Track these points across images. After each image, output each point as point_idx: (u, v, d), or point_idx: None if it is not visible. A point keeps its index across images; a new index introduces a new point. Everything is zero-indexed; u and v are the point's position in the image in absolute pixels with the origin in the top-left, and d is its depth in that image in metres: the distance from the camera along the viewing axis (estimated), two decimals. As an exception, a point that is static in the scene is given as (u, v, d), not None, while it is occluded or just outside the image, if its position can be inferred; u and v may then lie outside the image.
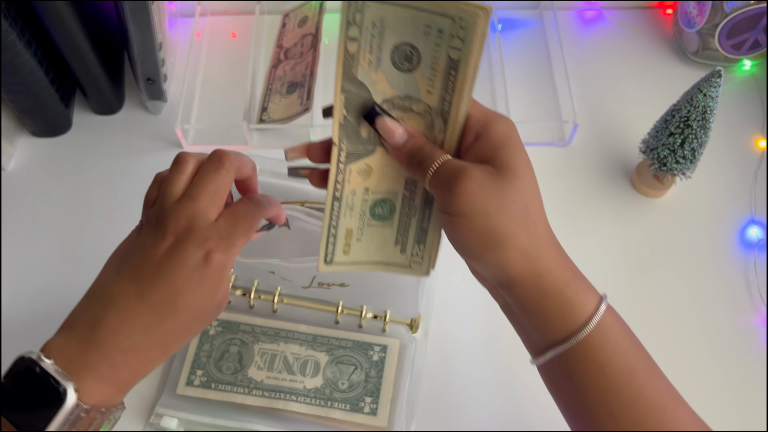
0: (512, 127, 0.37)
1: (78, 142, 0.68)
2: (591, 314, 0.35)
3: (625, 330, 0.36)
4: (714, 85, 0.53)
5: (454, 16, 0.31)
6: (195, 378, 0.53)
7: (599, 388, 0.35)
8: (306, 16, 0.73)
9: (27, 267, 0.60)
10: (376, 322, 0.56)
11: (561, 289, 0.35)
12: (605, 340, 0.35)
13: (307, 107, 0.64)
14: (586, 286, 0.36)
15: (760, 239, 0.61)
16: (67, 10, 0.58)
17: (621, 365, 0.35)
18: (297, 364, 0.53)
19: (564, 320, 0.35)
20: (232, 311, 0.56)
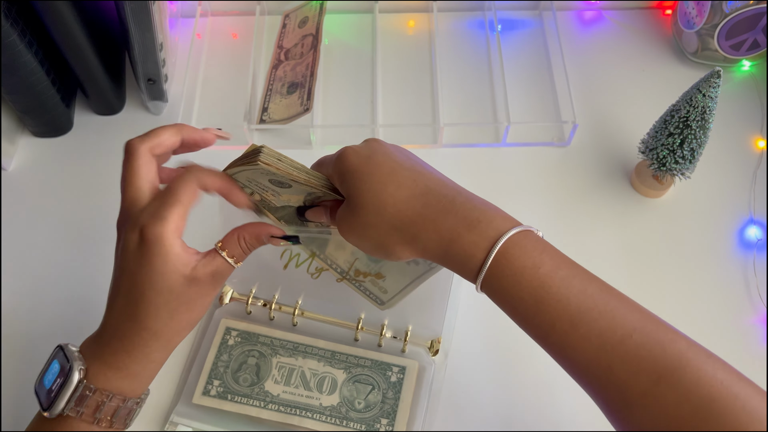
0: (344, 161, 0.40)
1: (79, 142, 0.69)
2: (492, 244, 0.36)
3: (540, 248, 0.36)
4: (713, 86, 0.53)
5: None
6: (212, 388, 0.52)
7: (532, 288, 0.35)
8: (306, 16, 0.73)
9: (27, 267, 0.60)
10: (396, 342, 0.55)
11: (453, 239, 0.37)
12: (515, 258, 0.35)
13: (308, 107, 0.64)
14: (481, 224, 0.37)
15: (759, 239, 0.61)
16: (68, 10, 0.58)
17: (539, 276, 0.35)
18: (314, 380, 0.53)
19: (472, 259, 0.37)
20: (252, 322, 0.55)
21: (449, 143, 0.68)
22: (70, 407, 0.39)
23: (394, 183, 0.38)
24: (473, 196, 0.38)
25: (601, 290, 0.35)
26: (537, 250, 0.36)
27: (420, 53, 0.75)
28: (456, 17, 0.77)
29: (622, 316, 0.33)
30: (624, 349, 0.32)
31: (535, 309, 0.35)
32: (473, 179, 0.65)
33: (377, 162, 0.39)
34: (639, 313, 0.34)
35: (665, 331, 0.33)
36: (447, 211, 0.37)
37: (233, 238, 0.42)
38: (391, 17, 0.77)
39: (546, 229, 0.62)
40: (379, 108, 0.70)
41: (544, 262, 0.35)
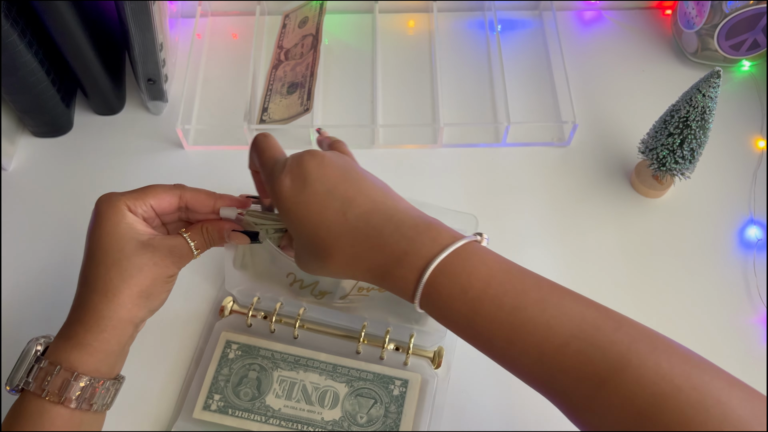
0: (277, 194, 0.40)
1: (79, 142, 0.69)
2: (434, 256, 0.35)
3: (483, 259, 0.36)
4: (713, 86, 0.53)
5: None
6: (212, 402, 0.52)
7: (462, 312, 0.35)
8: (306, 16, 0.73)
9: (27, 267, 0.60)
10: (398, 354, 0.54)
11: (384, 274, 0.37)
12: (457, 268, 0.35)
13: (308, 108, 0.64)
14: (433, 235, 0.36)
15: (759, 239, 0.61)
16: (68, 10, 0.58)
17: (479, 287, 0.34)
18: (316, 394, 0.52)
19: (405, 291, 0.37)
20: (252, 335, 0.55)
21: (449, 143, 0.68)
22: (31, 382, 0.40)
23: (324, 225, 0.38)
24: (403, 221, 0.37)
25: (537, 301, 0.34)
26: (465, 272, 0.35)
27: (420, 53, 0.75)
28: (456, 17, 0.77)
29: (559, 324, 0.33)
30: (562, 358, 0.32)
31: (470, 330, 0.35)
32: (473, 179, 0.66)
33: (306, 199, 0.38)
34: (579, 317, 0.33)
35: (605, 333, 0.32)
36: (375, 248, 0.37)
37: (197, 226, 0.45)
38: (391, 17, 0.77)
39: (546, 229, 0.63)
40: (379, 108, 0.70)
41: (472, 285, 0.34)
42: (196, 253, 0.44)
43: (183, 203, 0.45)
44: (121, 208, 0.42)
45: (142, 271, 0.41)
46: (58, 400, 0.40)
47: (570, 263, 0.60)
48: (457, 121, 0.69)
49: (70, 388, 0.40)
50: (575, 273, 0.59)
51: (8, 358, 0.56)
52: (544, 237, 0.62)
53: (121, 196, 0.43)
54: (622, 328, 0.32)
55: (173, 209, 0.45)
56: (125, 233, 0.41)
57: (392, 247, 0.36)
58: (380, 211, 0.38)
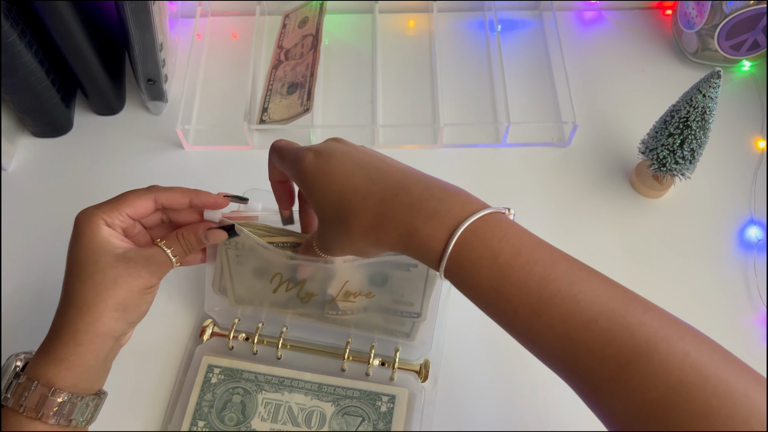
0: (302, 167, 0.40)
1: (79, 142, 0.69)
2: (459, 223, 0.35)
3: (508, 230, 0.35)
4: (713, 86, 0.53)
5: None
6: (196, 429, 0.51)
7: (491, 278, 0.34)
8: (306, 16, 0.73)
9: (27, 267, 0.60)
10: (384, 369, 0.53)
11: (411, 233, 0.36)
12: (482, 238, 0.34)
13: (308, 108, 0.64)
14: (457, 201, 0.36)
15: (759, 239, 0.61)
16: (68, 10, 0.58)
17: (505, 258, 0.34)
18: (302, 415, 0.51)
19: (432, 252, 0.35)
20: (234, 358, 0.54)
21: (449, 143, 0.68)
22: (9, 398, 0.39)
23: (350, 189, 0.37)
24: (433, 183, 0.37)
25: (567, 274, 0.33)
26: (496, 237, 0.34)
27: (420, 53, 0.75)
28: (456, 17, 0.77)
29: (588, 300, 0.32)
30: (589, 335, 0.31)
31: (496, 298, 0.34)
32: (473, 179, 0.66)
33: (333, 168, 0.38)
34: (607, 295, 0.32)
35: (634, 314, 0.31)
36: (404, 205, 0.36)
37: (173, 234, 0.45)
38: (391, 17, 0.77)
39: (546, 228, 0.62)
40: (379, 108, 0.70)
41: (502, 251, 0.34)
42: (174, 260, 0.44)
43: (159, 205, 0.45)
44: (96, 222, 0.42)
45: (116, 284, 0.41)
46: (36, 416, 0.39)
47: (570, 263, 0.60)
48: (457, 121, 0.69)
49: (48, 404, 0.39)
50: (575, 273, 0.59)
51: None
52: (544, 237, 0.61)
53: (96, 209, 0.43)
54: (650, 312, 0.32)
55: (150, 213, 0.45)
56: (100, 247, 0.42)
57: (421, 204, 0.35)
58: (409, 176, 0.37)
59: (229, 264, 0.50)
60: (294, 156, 0.41)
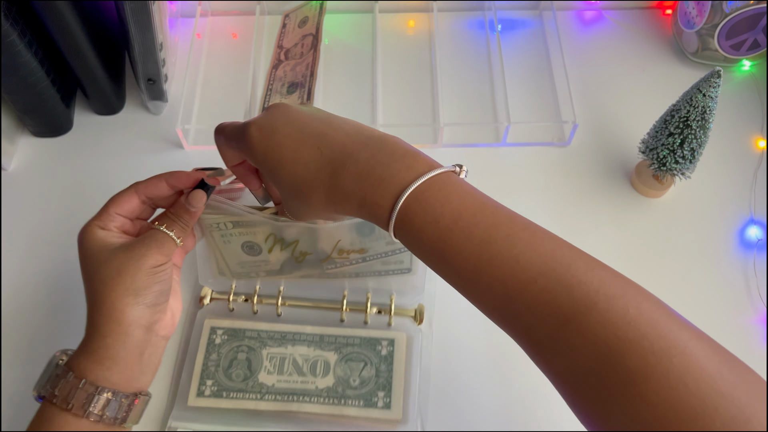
0: (249, 143, 0.40)
1: (79, 142, 0.69)
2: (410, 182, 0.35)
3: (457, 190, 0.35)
4: (713, 86, 0.53)
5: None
6: (205, 388, 0.52)
7: (433, 241, 0.35)
8: (306, 16, 0.73)
9: (27, 267, 0.60)
10: (382, 317, 0.56)
11: (361, 203, 0.37)
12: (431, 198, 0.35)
13: (308, 107, 0.64)
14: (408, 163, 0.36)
15: (759, 239, 0.61)
16: (68, 10, 0.58)
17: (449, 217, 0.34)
18: (307, 365, 0.53)
19: (380, 217, 0.36)
20: (236, 318, 0.56)
21: (449, 143, 0.68)
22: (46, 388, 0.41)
23: (300, 162, 0.38)
24: (379, 147, 0.37)
25: (508, 236, 0.33)
26: (438, 202, 0.34)
27: (420, 53, 0.75)
28: (456, 17, 0.77)
29: (528, 260, 0.32)
30: (528, 295, 0.31)
31: (440, 260, 0.34)
32: (473, 179, 0.65)
33: (279, 142, 0.38)
34: (549, 255, 0.32)
35: (574, 273, 0.31)
36: (352, 175, 0.36)
37: (164, 214, 0.46)
38: (391, 17, 0.77)
39: (546, 228, 0.62)
40: (379, 108, 0.70)
41: (444, 215, 0.34)
42: (173, 235, 0.44)
43: (143, 197, 0.46)
44: (91, 230, 0.44)
45: (120, 271, 0.42)
46: (82, 414, 0.40)
47: (570, 263, 0.60)
48: (457, 121, 0.69)
49: (96, 402, 0.40)
50: (575, 273, 0.59)
51: (8, 358, 0.56)
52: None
53: (89, 221, 0.45)
54: (593, 271, 0.32)
55: (137, 207, 0.46)
56: (97, 246, 0.43)
57: (368, 173, 0.36)
58: (355, 141, 0.37)
59: (218, 246, 0.52)
60: (239, 135, 0.40)
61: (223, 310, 0.56)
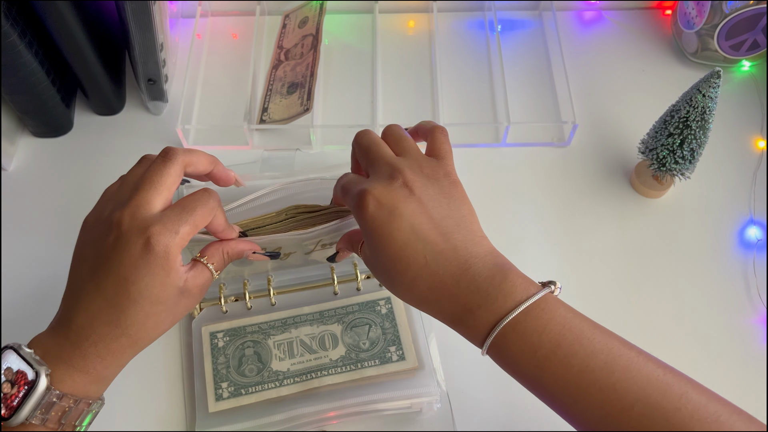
0: (363, 213, 0.39)
1: (79, 142, 0.69)
2: (521, 300, 0.36)
3: (563, 315, 0.36)
4: (713, 86, 0.53)
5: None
6: (222, 391, 0.52)
7: (530, 368, 0.36)
8: (306, 16, 0.73)
9: (27, 267, 0.60)
10: (372, 281, 0.57)
11: (455, 322, 0.38)
12: (535, 322, 0.36)
13: (308, 108, 0.64)
14: (515, 281, 0.37)
15: (759, 239, 0.61)
16: (68, 10, 0.58)
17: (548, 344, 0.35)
18: (315, 342, 0.54)
19: (474, 339, 0.38)
20: (232, 318, 0.56)
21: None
22: (35, 415, 0.36)
23: (403, 261, 0.38)
24: (480, 270, 0.37)
25: (606, 363, 0.34)
26: (536, 332, 0.35)
27: (420, 53, 0.75)
28: (456, 17, 0.77)
29: (624, 388, 0.33)
30: (626, 422, 0.33)
31: (536, 384, 0.36)
32: (473, 179, 0.66)
33: (391, 231, 0.38)
34: (645, 380, 0.34)
35: (670, 399, 0.33)
36: (450, 297, 0.37)
37: (218, 251, 0.43)
38: (391, 17, 0.77)
39: (546, 229, 0.63)
40: (379, 108, 0.70)
41: (542, 345, 0.35)
42: (216, 275, 0.43)
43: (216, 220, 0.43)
44: (177, 255, 0.38)
45: (174, 317, 0.40)
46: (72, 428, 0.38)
47: (570, 263, 0.60)
48: (457, 121, 0.69)
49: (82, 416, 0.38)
50: (575, 273, 0.59)
51: (8, 358, 0.56)
52: (544, 237, 0.62)
53: (179, 239, 0.38)
54: (687, 395, 0.33)
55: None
56: (173, 282, 0.38)
57: (467, 298, 0.37)
58: (459, 259, 0.38)
59: None
60: (356, 197, 0.40)
61: (216, 314, 0.56)
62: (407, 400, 0.51)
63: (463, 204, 0.40)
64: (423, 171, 0.40)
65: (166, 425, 0.53)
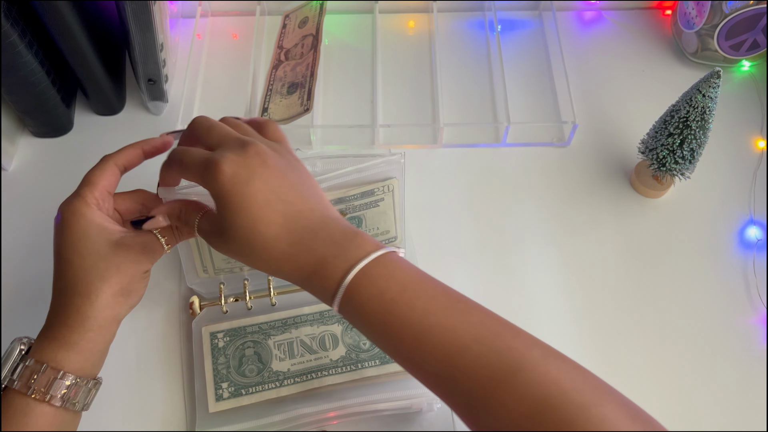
0: (218, 181, 0.39)
1: (79, 142, 0.69)
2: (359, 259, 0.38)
3: (400, 271, 0.38)
4: (713, 86, 0.53)
5: None
6: (223, 392, 0.52)
7: (378, 313, 0.37)
8: (306, 16, 0.73)
9: (27, 267, 0.60)
10: None
11: (310, 274, 0.39)
12: (374, 280, 0.38)
13: (308, 108, 0.64)
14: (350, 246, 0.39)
15: (759, 239, 0.61)
16: (68, 10, 0.58)
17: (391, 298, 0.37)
18: (315, 342, 0.54)
19: (326, 291, 0.39)
20: (232, 318, 0.56)
21: (449, 143, 0.68)
22: (15, 380, 0.40)
23: (264, 221, 0.39)
24: (335, 227, 0.40)
25: (446, 307, 0.37)
26: (384, 277, 0.38)
27: (420, 53, 0.75)
28: (456, 17, 0.77)
29: (463, 329, 0.36)
30: (464, 360, 0.35)
31: (383, 331, 0.37)
32: (473, 179, 0.66)
33: (252, 193, 0.38)
34: (480, 324, 0.36)
35: (503, 339, 0.35)
36: (308, 250, 0.39)
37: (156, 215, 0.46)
38: (391, 17, 0.77)
39: (546, 229, 0.63)
40: (379, 108, 0.70)
41: (389, 288, 0.37)
42: (166, 247, 0.46)
43: (121, 168, 0.47)
44: (89, 210, 0.44)
45: (120, 270, 0.43)
46: (44, 398, 0.40)
47: (570, 263, 0.60)
48: (457, 121, 0.69)
49: (56, 386, 0.41)
50: (575, 273, 0.60)
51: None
52: (544, 237, 0.62)
53: (81, 197, 0.44)
54: (519, 337, 0.36)
55: (117, 180, 0.47)
56: (98, 235, 0.43)
57: (324, 250, 0.39)
58: (316, 217, 0.40)
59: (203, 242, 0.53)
60: (207, 163, 0.39)
61: (216, 314, 0.56)
62: (407, 400, 0.51)
63: (310, 177, 0.43)
64: (270, 146, 0.42)
65: (166, 425, 0.53)
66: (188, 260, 0.54)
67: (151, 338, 0.57)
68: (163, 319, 0.58)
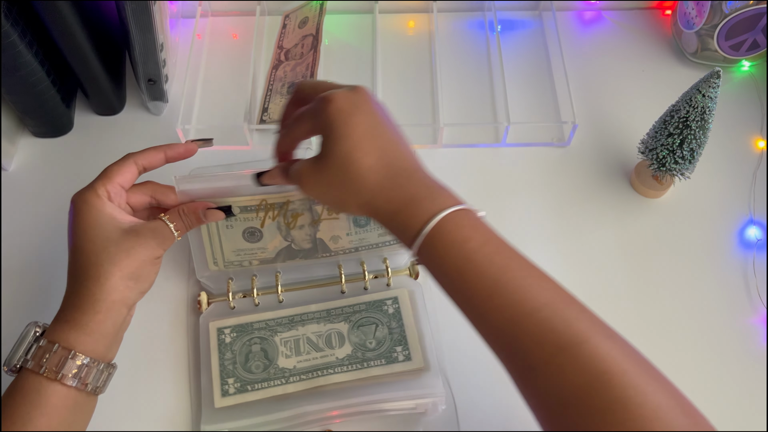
0: (330, 107, 0.42)
1: (79, 142, 0.69)
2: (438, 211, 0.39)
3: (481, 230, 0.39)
4: (713, 86, 0.53)
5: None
6: (229, 387, 0.52)
7: (458, 259, 0.38)
8: (306, 17, 0.73)
9: (27, 266, 0.61)
10: (379, 280, 0.58)
11: (399, 209, 0.40)
12: (454, 232, 0.39)
13: (308, 108, 0.64)
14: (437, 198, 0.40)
15: (759, 239, 0.61)
16: (68, 10, 0.58)
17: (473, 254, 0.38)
18: (321, 340, 0.54)
19: (411, 230, 0.40)
20: (240, 314, 0.56)
21: (449, 143, 0.68)
22: (29, 360, 0.42)
23: (363, 149, 0.41)
24: (427, 174, 0.42)
25: (522, 268, 0.38)
26: (468, 227, 0.39)
27: (420, 53, 0.75)
28: (456, 17, 0.77)
29: (536, 292, 0.36)
30: (532, 321, 0.35)
31: (459, 278, 0.38)
32: (473, 179, 0.66)
33: (355, 123, 0.41)
34: (553, 291, 0.37)
35: (573, 310, 0.36)
36: (401, 186, 0.40)
37: (175, 210, 0.49)
38: (391, 17, 0.77)
39: (546, 229, 0.63)
40: (379, 108, 0.70)
41: (473, 238, 0.38)
42: (176, 234, 0.48)
43: (140, 168, 0.49)
44: (100, 200, 0.45)
45: (129, 255, 0.44)
46: (55, 377, 0.41)
47: (570, 263, 0.60)
48: (457, 121, 0.69)
49: (68, 366, 0.42)
50: (575, 273, 0.60)
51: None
52: (544, 237, 0.62)
53: (93, 189, 0.46)
54: (585, 313, 0.36)
55: (134, 178, 0.49)
56: (108, 222, 0.45)
57: (416, 189, 0.40)
58: (409, 162, 0.42)
59: (218, 233, 0.53)
60: (320, 100, 0.42)
61: (224, 310, 0.56)
62: (412, 401, 0.51)
63: (403, 134, 0.44)
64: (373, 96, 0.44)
65: (172, 419, 0.53)
66: (199, 252, 0.55)
67: (158, 332, 0.57)
68: (171, 313, 0.58)
